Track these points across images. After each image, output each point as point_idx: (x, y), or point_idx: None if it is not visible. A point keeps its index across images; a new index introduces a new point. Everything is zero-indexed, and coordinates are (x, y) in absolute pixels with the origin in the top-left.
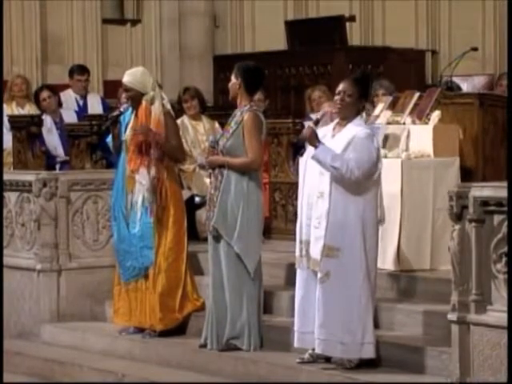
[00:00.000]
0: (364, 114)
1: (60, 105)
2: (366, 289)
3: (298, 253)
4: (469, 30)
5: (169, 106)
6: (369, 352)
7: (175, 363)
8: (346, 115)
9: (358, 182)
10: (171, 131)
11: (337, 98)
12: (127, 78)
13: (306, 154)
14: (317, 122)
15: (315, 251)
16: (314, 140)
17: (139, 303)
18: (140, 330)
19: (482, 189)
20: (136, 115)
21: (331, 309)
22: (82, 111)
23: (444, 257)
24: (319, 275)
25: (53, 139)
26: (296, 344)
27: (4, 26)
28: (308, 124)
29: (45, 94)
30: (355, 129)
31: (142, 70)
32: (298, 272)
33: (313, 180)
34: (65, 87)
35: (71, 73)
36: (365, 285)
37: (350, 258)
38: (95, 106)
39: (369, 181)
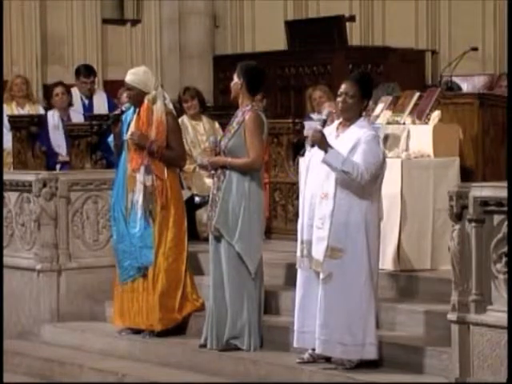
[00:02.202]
0: (364, 113)
1: (70, 105)
2: (368, 290)
3: (299, 253)
4: (469, 30)
5: (171, 106)
6: (370, 353)
7: (175, 363)
8: (349, 116)
9: (366, 185)
10: (172, 131)
11: (339, 99)
12: (129, 77)
13: (307, 155)
14: (324, 123)
15: (317, 252)
16: (324, 144)
17: (135, 303)
18: (139, 331)
19: (482, 189)
20: (138, 114)
21: (333, 309)
22: (87, 111)
23: (444, 257)
24: (322, 276)
25: (58, 136)
26: (295, 344)
27: (4, 25)
28: (316, 127)
29: (59, 89)
30: (360, 130)
31: (144, 69)
32: (299, 272)
33: (316, 181)
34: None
35: (77, 73)
36: (367, 286)
37: (352, 259)
38: (101, 106)
39: (374, 183)
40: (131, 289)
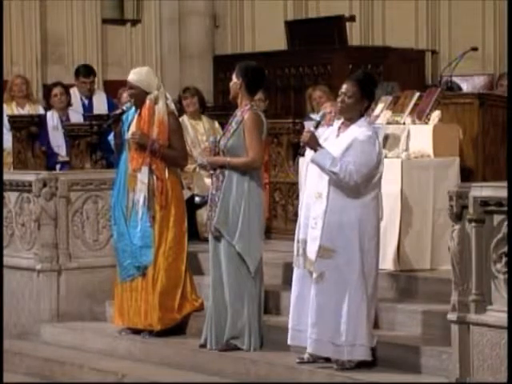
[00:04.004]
0: (365, 114)
1: (69, 105)
2: (360, 291)
3: (295, 252)
4: (469, 30)
5: (173, 106)
6: (361, 354)
7: (175, 363)
8: (349, 116)
9: (357, 186)
10: (174, 132)
11: (338, 99)
12: (132, 76)
13: (307, 155)
14: (317, 125)
15: (311, 251)
16: (314, 144)
17: (133, 303)
18: (138, 331)
19: (482, 189)
20: (140, 114)
21: (324, 309)
22: (86, 111)
23: (444, 257)
24: (314, 275)
25: (58, 137)
26: (290, 341)
27: (4, 25)
28: (307, 127)
29: (57, 90)
30: (358, 130)
31: (147, 69)
32: (295, 270)
33: (312, 180)
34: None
35: (77, 73)
36: (358, 287)
37: (345, 259)
38: (100, 106)
39: (368, 183)
40: (130, 288)
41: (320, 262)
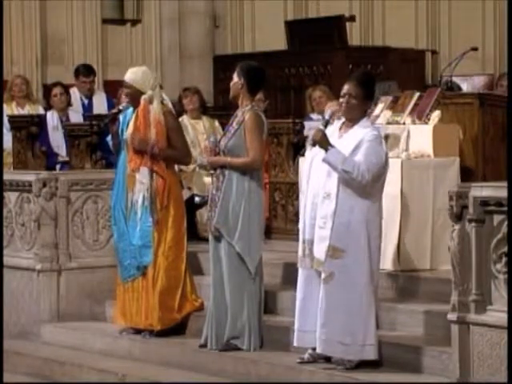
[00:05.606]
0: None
1: (69, 105)
2: (369, 290)
3: (300, 252)
4: (469, 30)
5: (170, 106)
6: (370, 354)
7: (175, 363)
8: (352, 117)
9: (368, 185)
10: (172, 130)
11: (342, 100)
12: (128, 76)
13: (307, 155)
14: (326, 124)
15: (319, 251)
16: (325, 143)
17: (135, 303)
18: (139, 330)
19: (482, 189)
20: (137, 114)
21: (333, 309)
22: (86, 111)
23: (444, 257)
24: (323, 276)
25: (58, 137)
26: (296, 343)
27: (4, 25)
28: (318, 126)
29: (57, 89)
30: (363, 131)
31: (144, 69)
32: (300, 271)
33: (318, 180)
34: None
35: (77, 73)
36: (367, 286)
37: (354, 259)
38: (100, 106)
39: (376, 183)
40: (132, 288)
41: (330, 261)
